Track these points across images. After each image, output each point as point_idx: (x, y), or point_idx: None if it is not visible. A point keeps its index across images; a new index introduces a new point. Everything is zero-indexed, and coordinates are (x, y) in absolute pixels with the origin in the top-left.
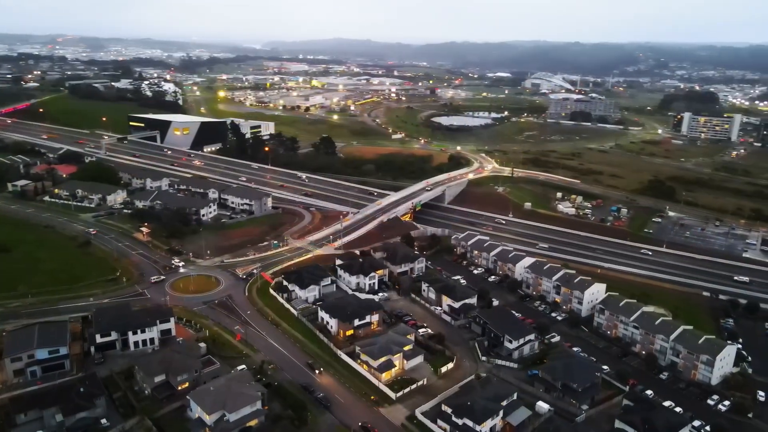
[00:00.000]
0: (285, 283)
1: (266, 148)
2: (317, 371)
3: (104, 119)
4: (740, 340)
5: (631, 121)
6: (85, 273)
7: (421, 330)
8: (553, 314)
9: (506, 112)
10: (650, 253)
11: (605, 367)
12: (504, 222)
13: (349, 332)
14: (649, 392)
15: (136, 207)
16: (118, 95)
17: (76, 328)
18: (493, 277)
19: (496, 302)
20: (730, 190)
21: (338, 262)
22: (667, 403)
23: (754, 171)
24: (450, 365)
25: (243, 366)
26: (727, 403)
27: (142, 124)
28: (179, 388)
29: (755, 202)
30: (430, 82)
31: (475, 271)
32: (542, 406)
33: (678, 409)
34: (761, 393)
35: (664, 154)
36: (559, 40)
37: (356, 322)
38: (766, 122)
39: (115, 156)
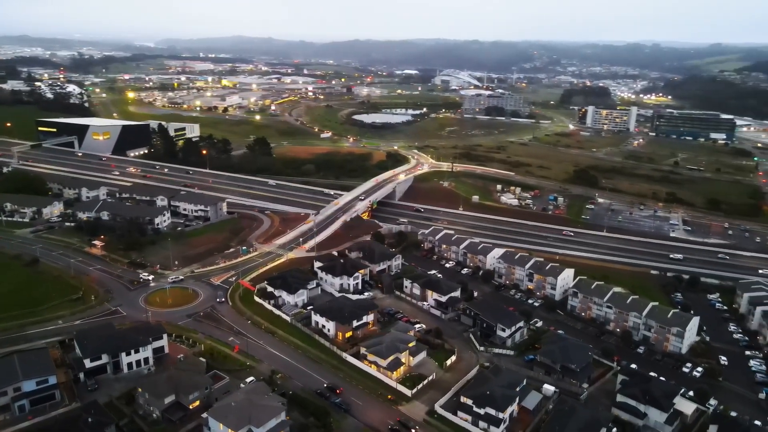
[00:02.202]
0: (270, 289)
1: (204, 151)
2: (413, 430)
3: (8, 125)
4: (692, 312)
5: (539, 115)
6: (45, 294)
7: (416, 326)
8: (530, 301)
9: (425, 109)
10: (572, 234)
11: (590, 345)
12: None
13: (348, 334)
14: (633, 366)
15: (80, 219)
16: (13, 98)
17: (53, 354)
18: (465, 269)
19: (475, 294)
20: (641, 177)
21: (317, 264)
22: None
23: (656, 158)
24: (453, 358)
25: (251, 378)
26: (700, 369)
27: (54, 129)
28: (191, 407)
29: (665, 186)
30: (342, 80)
31: (447, 265)
32: (548, 388)
33: (662, 379)
34: (723, 358)
35: (576, 145)
36: (458, 38)
37: (354, 323)
38: (658, 113)
39: (31, 165)
